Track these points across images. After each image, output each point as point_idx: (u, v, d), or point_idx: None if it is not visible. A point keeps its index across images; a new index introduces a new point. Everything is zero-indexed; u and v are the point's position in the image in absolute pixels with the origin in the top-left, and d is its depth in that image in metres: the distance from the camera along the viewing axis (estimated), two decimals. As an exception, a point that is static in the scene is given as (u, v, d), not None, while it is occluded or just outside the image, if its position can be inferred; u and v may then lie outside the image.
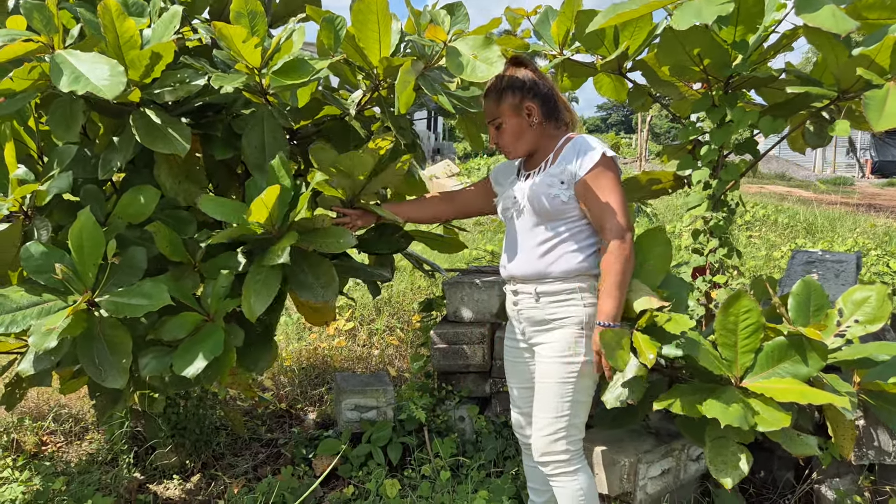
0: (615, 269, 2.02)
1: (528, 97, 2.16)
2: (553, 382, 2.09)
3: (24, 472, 2.59)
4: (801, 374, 2.16)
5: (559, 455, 2.10)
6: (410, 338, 4.44)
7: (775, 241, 6.66)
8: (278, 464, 3.00)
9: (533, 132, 2.18)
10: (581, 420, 2.14)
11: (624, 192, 2.09)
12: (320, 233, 2.28)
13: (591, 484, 2.15)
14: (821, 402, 2.07)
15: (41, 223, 2.34)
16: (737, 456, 2.17)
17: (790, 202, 10.56)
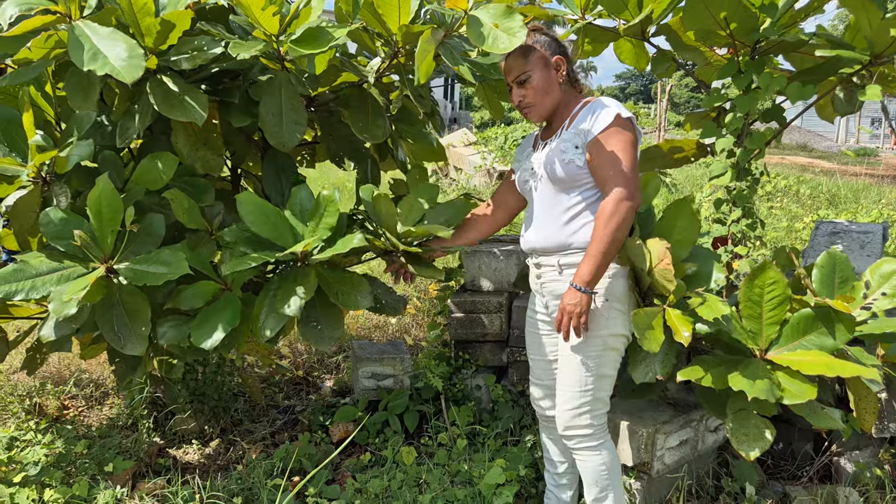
0: (603, 233, 1.93)
1: (558, 52, 2.12)
2: (576, 357, 2.05)
3: (46, 436, 2.63)
4: (827, 346, 2.13)
5: (583, 429, 2.09)
6: (428, 307, 4.44)
7: (797, 213, 6.56)
8: (295, 430, 3.03)
9: (558, 90, 2.12)
10: (606, 394, 2.11)
11: (637, 157, 2.01)
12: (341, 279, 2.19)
13: (613, 459, 2.13)
14: (849, 375, 2.03)
15: (60, 189, 2.34)
16: (759, 428, 2.15)
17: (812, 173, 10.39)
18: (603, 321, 2.03)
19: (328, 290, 2.13)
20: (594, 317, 2.03)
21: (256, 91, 2.40)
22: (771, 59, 2.53)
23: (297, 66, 2.54)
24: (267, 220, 2.09)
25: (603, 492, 2.13)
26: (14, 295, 2.10)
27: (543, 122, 2.23)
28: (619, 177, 1.95)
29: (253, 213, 2.09)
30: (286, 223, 2.13)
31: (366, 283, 2.16)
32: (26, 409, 3.00)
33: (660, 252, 2.04)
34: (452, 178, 9.32)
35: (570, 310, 1.97)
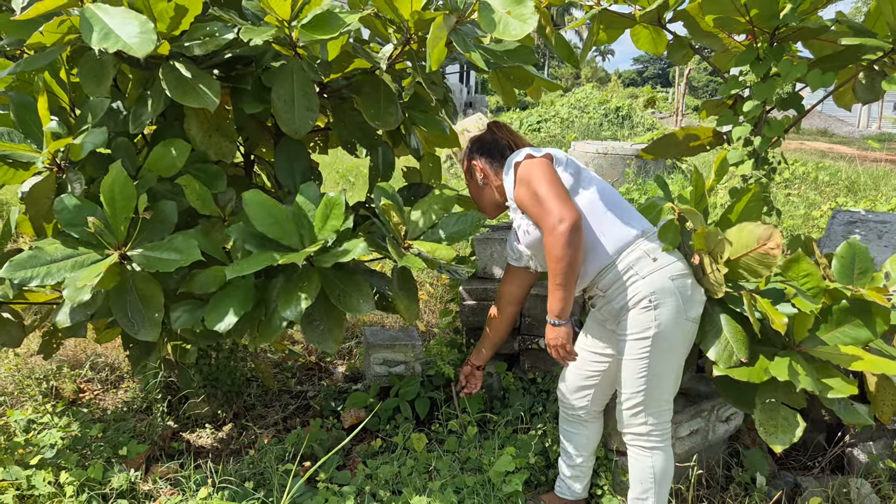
0: (557, 268, 1.95)
1: (476, 156, 2.28)
2: (628, 360, 2.05)
3: (62, 419, 2.67)
4: (861, 338, 2.10)
5: (637, 428, 2.10)
6: (440, 293, 4.44)
7: (815, 200, 6.48)
8: (307, 416, 3.05)
9: (483, 189, 2.28)
10: (662, 391, 2.07)
11: (548, 177, 1.99)
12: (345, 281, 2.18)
13: (665, 466, 2.11)
14: (890, 373, 1.99)
15: (74, 176, 2.35)
16: (788, 420, 2.12)
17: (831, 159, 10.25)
18: (649, 320, 1.99)
19: (330, 293, 2.13)
20: (637, 321, 2.00)
21: (269, 77, 2.39)
22: (790, 46, 2.48)
23: (310, 52, 2.53)
24: (273, 220, 2.08)
25: (645, 493, 2.14)
26: (29, 281, 2.11)
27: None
28: (541, 210, 1.97)
29: (259, 213, 2.08)
30: (292, 223, 2.12)
31: (368, 289, 2.15)
32: (43, 393, 3.04)
33: (765, 234, 1.97)
34: (466, 164, 9.27)
35: (553, 343, 2.11)
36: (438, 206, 2.35)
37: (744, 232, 1.98)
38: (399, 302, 2.30)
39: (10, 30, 2.18)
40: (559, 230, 1.91)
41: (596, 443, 2.33)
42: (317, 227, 2.14)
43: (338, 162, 8.91)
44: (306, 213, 2.19)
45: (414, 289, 2.39)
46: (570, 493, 2.36)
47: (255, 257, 2.05)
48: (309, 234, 2.15)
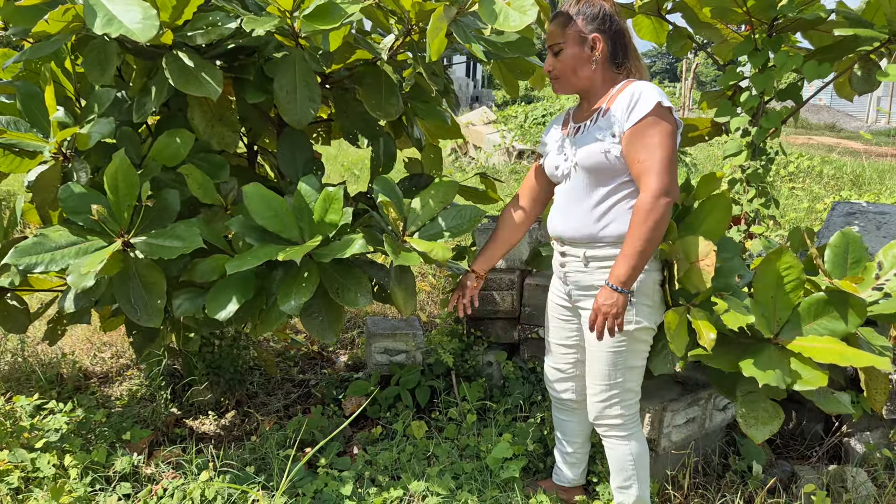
0: (640, 232, 1.84)
1: (597, 29, 1.98)
2: (605, 351, 2.03)
3: (67, 404, 2.71)
4: (838, 330, 2.11)
5: (613, 419, 2.10)
6: (442, 284, 4.47)
7: (819, 193, 6.47)
8: (309, 403, 3.08)
9: (591, 69, 2.00)
10: (636, 384, 2.09)
11: (674, 149, 1.89)
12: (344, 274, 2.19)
13: (641, 450, 2.13)
14: (862, 365, 2.01)
15: (80, 165, 2.38)
16: (768, 412, 2.14)
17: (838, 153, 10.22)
18: (631, 315, 1.99)
19: (329, 287, 2.15)
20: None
21: (271, 68, 2.42)
22: (789, 36, 2.49)
23: (312, 42, 2.56)
24: (273, 213, 2.10)
25: (627, 481, 2.15)
26: (34, 267, 2.15)
27: (577, 102, 2.15)
28: (656, 170, 1.85)
29: (259, 206, 2.10)
30: (292, 217, 2.14)
31: (367, 282, 2.17)
32: (48, 379, 3.08)
33: (704, 250, 2.00)
34: (472, 157, 9.30)
35: (606, 310, 1.91)
36: (439, 197, 2.36)
37: (695, 245, 1.99)
38: (397, 296, 2.32)
39: (14, 19, 2.21)
40: (662, 201, 1.84)
41: (589, 429, 2.35)
42: (316, 220, 2.16)
43: (342, 154, 8.94)
44: (307, 205, 2.22)
45: (412, 283, 2.41)
46: (567, 479, 2.39)
47: (255, 251, 2.08)
48: (309, 227, 2.17)
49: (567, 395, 2.30)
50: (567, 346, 2.24)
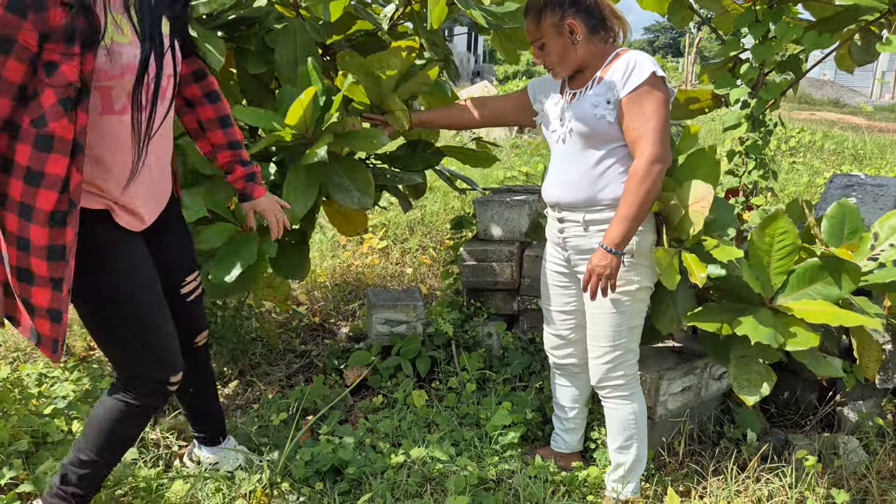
0: (633, 198, 1.91)
1: (570, 13, 2.00)
2: (607, 313, 2.08)
3: (73, 373, 2.75)
4: (832, 295, 2.14)
5: (616, 381, 2.15)
6: (443, 256, 4.49)
7: (819, 168, 6.47)
8: (310, 374, 3.12)
9: (578, 50, 2.02)
10: (636, 344, 2.16)
11: (668, 118, 1.96)
12: (353, 135, 2.30)
13: (642, 409, 2.19)
14: (852, 324, 2.05)
15: (81, 135, 2.39)
16: (761, 375, 2.19)
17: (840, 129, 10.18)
18: (632, 276, 2.05)
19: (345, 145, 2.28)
20: (623, 273, 2.04)
21: (272, 38, 2.43)
22: (790, 7, 2.49)
23: (313, 13, 2.56)
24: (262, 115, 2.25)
25: (629, 440, 2.19)
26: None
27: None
28: (650, 138, 1.92)
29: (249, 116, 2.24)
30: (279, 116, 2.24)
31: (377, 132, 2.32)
32: (54, 349, 3.12)
33: (700, 193, 2.06)
34: (473, 131, 9.27)
35: (600, 271, 1.96)
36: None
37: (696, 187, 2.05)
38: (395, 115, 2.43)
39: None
40: (656, 167, 1.91)
41: (587, 394, 2.39)
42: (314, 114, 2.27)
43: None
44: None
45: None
46: (566, 445, 2.44)
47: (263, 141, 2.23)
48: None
49: (569, 361, 2.34)
50: (566, 312, 2.28)
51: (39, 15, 1.39)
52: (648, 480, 2.31)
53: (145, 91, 1.58)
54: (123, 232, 1.71)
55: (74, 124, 1.49)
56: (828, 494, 2.18)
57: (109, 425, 1.78)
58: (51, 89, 1.45)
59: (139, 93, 1.57)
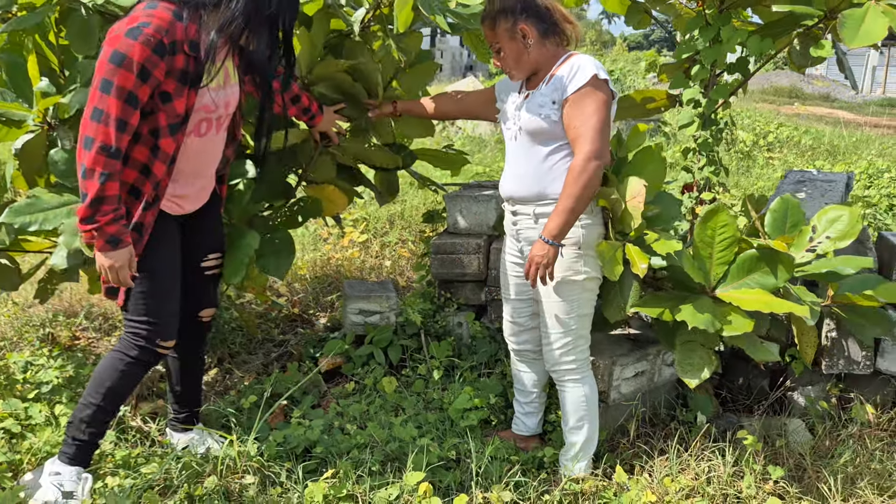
0: (569, 191, 2.04)
1: (521, 18, 2.13)
2: (557, 301, 2.23)
3: (58, 361, 2.87)
4: (769, 284, 2.28)
5: (568, 365, 2.29)
6: (421, 249, 4.62)
7: (794, 163, 6.61)
8: (288, 362, 3.25)
9: (531, 53, 2.16)
10: (586, 330, 2.30)
11: (608, 118, 2.10)
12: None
13: (593, 392, 2.34)
14: (783, 311, 2.20)
15: (64, 133, 2.51)
16: (703, 359, 2.33)
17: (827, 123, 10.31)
18: (579, 266, 2.19)
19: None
20: (571, 263, 2.18)
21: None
22: (740, 12, 2.62)
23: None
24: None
25: (580, 421, 2.33)
26: (28, 226, 2.29)
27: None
28: (589, 136, 2.05)
29: None
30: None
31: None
32: (40, 338, 3.24)
33: (635, 189, 2.20)
34: (459, 127, 9.39)
35: (538, 261, 2.10)
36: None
37: (633, 184, 2.18)
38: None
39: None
40: (593, 164, 2.04)
41: (545, 379, 2.52)
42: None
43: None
44: None
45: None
46: (525, 428, 2.57)
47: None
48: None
49: (526, 347, 2.47)
50: (522, 300, 2.42)
51: (171, 58, 1.89)
52: (600, 460, 2.44)
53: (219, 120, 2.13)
54: (164, 215, 2.11)
55: (177, 143, 2.01)
56: (764, 471, 2.32)
57: (109, 374, 2.10)
58: (163, 113, 1.95)
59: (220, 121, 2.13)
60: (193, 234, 2.25)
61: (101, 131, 1.85)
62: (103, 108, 1.86)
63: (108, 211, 1.90)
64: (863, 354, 2.69)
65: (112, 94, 1.85)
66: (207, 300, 2.36)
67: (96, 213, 1.89)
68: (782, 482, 2.27)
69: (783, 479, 2.28)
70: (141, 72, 1.84)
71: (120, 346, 2.13)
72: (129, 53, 1.82)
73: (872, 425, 2.64)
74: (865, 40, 2.04)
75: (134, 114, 1.89)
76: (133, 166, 1.99)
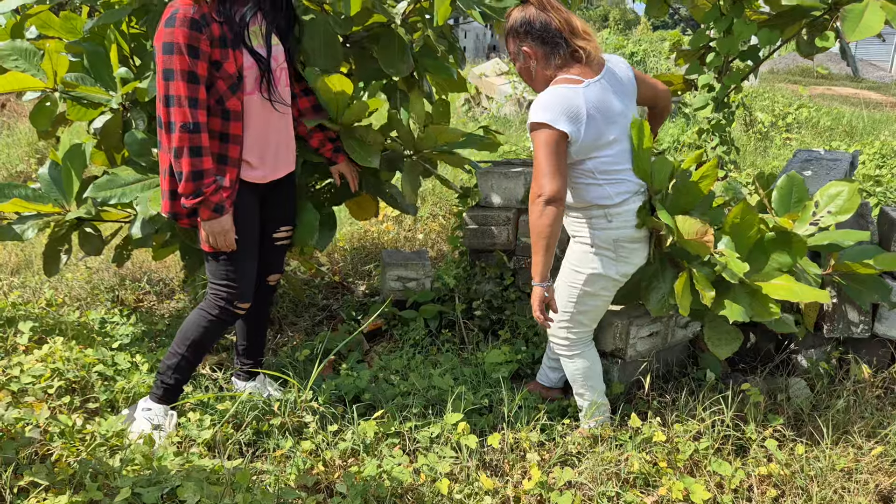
0: (531, 233, 2.19)
1: (526, 40, 2.24)
2: (562, 283, 2.47)
3: (131, 318, 3.21)
4: (786, 263, 2.50)
5: (561, 340, 2.53)
6: (452, 223, 4.90)
7: (811, 143, 6.77)
8: (332, 324, 3.56)
9: (537, 73, 2.28)
10: (585, 318, 2.48)
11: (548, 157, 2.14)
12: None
13: (587, 366, 2.54)
14: (808, 300, 2.42)
15: (137, 114, 2.83)
16: (731, 334, 2.62)
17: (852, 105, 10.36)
18: (584, 260, 2.37)
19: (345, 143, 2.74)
20: (578, 255, 2.39)
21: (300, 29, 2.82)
22: (752, 2, 2.84)
23: (335, 7, 2.95)
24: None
25: (580, 389, 2.60)
26: (109, 199, 2.61)
27: None
28: (535, 176, 2.17)
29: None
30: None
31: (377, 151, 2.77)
32: (110, 300, 3.59)
33: (700, 230, 2.34)
34: (484, 107, 9.62)
35: (533, 303, 2.30)
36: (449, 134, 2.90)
37: (687, 223, 2.36)
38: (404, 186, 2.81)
39: (87, -11, 2.62)
40: (537, 202, 2.15)
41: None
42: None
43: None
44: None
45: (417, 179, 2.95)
46: (548, 380, 2.86)
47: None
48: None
49: None
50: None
51: (208, 28, 2.13)
52: (617, 410, 2.73)
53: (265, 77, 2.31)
54: (246, 187, 2.35)
55: (241, 101, 2.25)
56: (765, 419, 2.59)
57: (193, 329, 2.41)
58: (220, 80, 2.20)
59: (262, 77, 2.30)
60: (269, 208, 2.51)
61: (177, 113, 2.13)
62: (173, 94, 2.13)
63: (209, 183, 2.19)
64: (861, 319, 2.94)
65: (176, 78, 2.12)
66: (276, 266, 2.66)
67: (200, 186, 2.18)
68: (780, 428, 2.54)
69: (781, 426, 2.55)
70: (190, 50, 2.10)
71: (203, 305, 2.44)
72: (174, 40, 2.09)
73: (867, 383, 2.89)
74: (865, 33, 2.26)
75: (200, 89, 2.15)
76: (213, 136, 2.24)
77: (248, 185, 2.37)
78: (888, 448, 2.45)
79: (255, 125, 2.34)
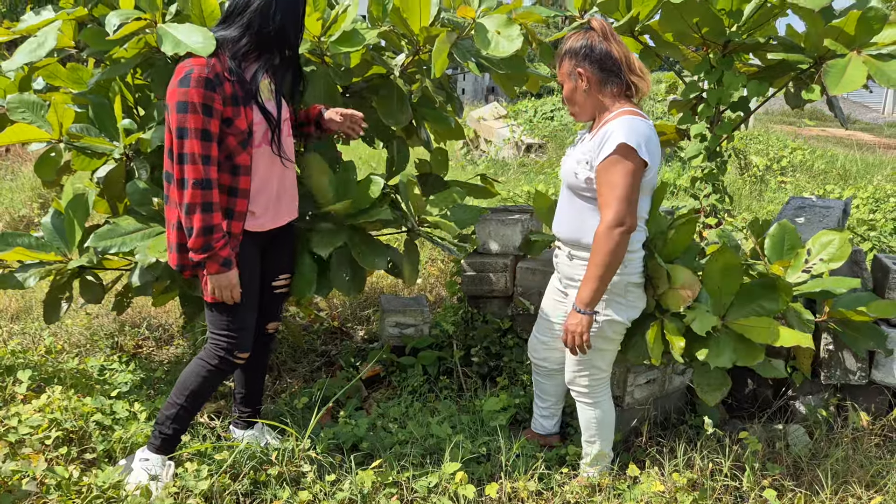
0: (598, 259, 2.14)
1: (584, 63, 2.22)
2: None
3: (130, 366, 3.21)
4: (773, 309, 2.53)
5: (580, 388, 2.53)
6: (450, 268, 4.93)
7: (806, 187, 6.85)
8: (331, 370, 3.57)
9: (587, 97, 2.25)
10: (603, 363, 2.47)
11: (633, 185, 2.13)
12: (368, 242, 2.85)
13: (605, 415, 2.54)
14: (790, 345, 2.45)
15: (140, 164, 2.88)
16: (718, 380, 2.63)
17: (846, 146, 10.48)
18: (600, 306, 2.32)
19: (354, 250, 2.65)
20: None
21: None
22: (742, 55, 2.92)
23: (335, 60, 3.03)
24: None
25: (592, 437, 2.59)
26: (109, 249, 2.65)
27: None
28: (613, 205, 2.12)
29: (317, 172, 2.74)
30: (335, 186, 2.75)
31: (384, 250, 2.67)
32: (109, 345, 3.59)
33: (689, 281, 2.40)
34: (482, 150, 9.73)
35: (573, 330, 2.25)
36: (450, 200, 2.89)
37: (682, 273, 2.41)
38: (405, 269, 2.81)
39: (95, 43, 2.69)
40: (616, 231, 2.11)
41: (563, 391, 2.79)
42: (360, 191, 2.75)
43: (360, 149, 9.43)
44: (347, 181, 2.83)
45: (417, 259, 2.90)
46: (542, 428, 2.85)
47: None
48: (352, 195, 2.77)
49: (545, 364, 2.74)
50: (554, 322, 2.64)
51: (221, 87, 2.20)
52: (616, 458, 2.72)
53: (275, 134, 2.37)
54: (248, 237, 2.38)
55: (250, 156, 2.30)
56: (764, 468, 2.58)
57: (192, 379, 2.42)
58: (231, 136, 2.25)
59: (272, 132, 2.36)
60: (268, 257, 2.54)
61: (190, 170, 2.18)
62: (188, 151, 2.19)
63: (218, 238, 2.23)
64: (858, 366, 2.95)
65: (190, 136, 2.18)
66: (274, 315, 2.68)
67: (210, 241, 2.21)
68: (779, 477, 2.53)
69: (780, 475, 2.54)
70: (205, 109, 2.16)
71: (203, 355, 2.46)
72: (189, 99, 2.15)
73: (866, 431, 2.89)
74: (848, 87, 2.33)
75: (212, 146, 2.22)
76: (221, 191, 2.27)
77: (249, 235, 2.39)
78: (887, 498, 2.44)
79: (261, 176, 2.38)
